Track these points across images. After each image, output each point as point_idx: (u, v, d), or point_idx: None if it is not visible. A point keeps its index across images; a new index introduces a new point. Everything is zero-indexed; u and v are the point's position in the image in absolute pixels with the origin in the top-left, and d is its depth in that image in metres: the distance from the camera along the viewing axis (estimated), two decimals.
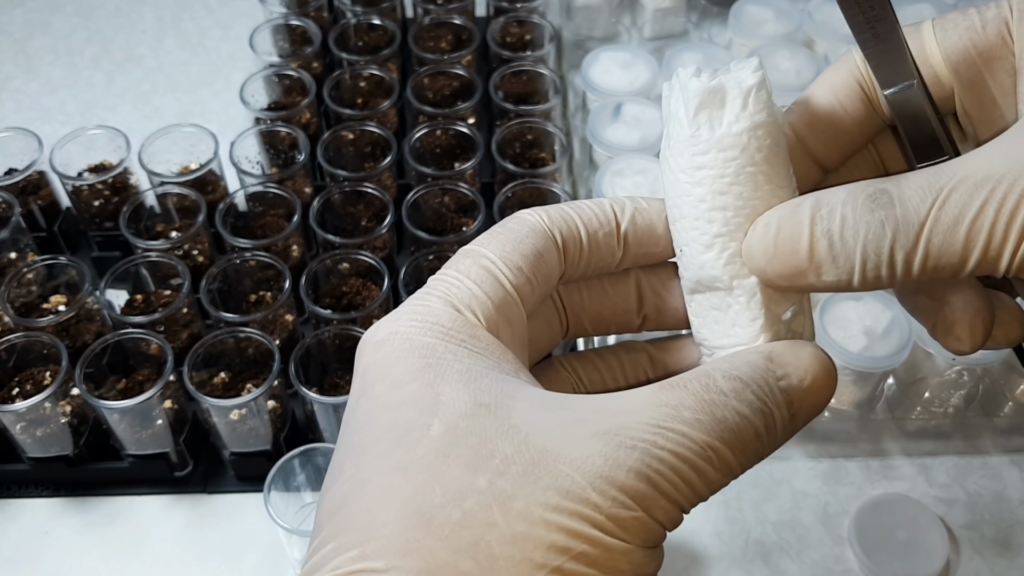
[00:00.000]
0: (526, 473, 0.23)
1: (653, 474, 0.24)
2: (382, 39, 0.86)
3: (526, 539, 0.22)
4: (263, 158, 0.78)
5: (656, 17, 0.94)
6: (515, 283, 0.28)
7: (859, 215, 0.26)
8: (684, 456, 0.24)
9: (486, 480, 0.23)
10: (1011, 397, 0.66)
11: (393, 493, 0.24)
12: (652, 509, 0.24)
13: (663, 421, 0.24)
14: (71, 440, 0.63)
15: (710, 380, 0.25)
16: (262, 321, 0.64)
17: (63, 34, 1.02)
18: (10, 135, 0.76)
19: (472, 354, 0.26)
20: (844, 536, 0.62)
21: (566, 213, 0.30)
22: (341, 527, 0.24)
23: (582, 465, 0.23)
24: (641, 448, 0.24)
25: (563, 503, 0.23)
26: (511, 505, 0.23)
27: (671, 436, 0.24)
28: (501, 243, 0.28)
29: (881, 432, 0.67)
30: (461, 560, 0.22)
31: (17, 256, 0.71)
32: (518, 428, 0.24)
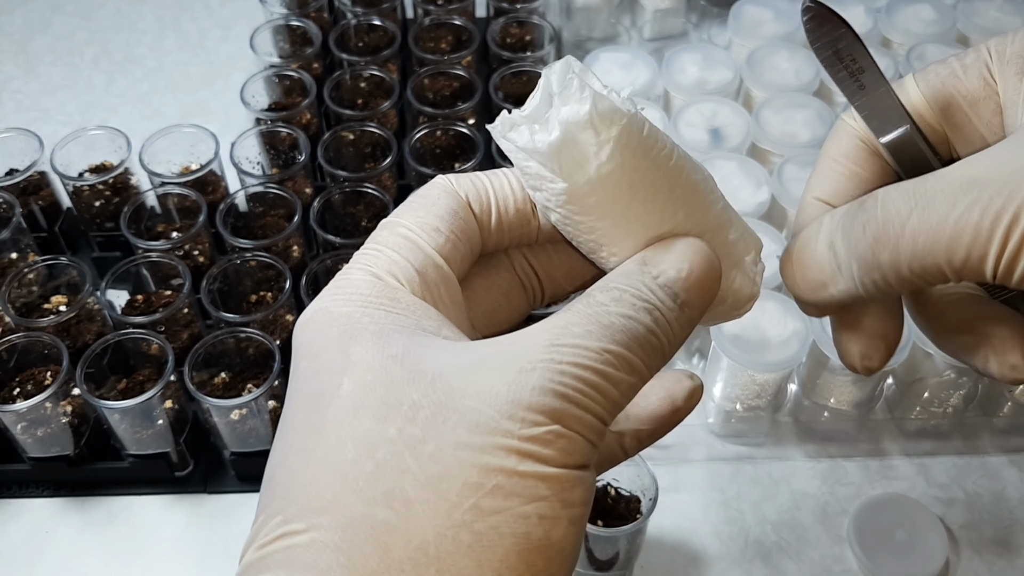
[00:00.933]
0: (434, 415, 0.23)
1: (557, 386, 0.24)
2: (382, 40, 0.86)
3: (440, 480, 0.22)
4: (263, 158, 0.78)
5: (656, 18, 0.94)
6: (435, 245, 0.28)
7: (849, 221, 0.27)
8: (583, 364, 0.24)
9: (396, 428, 0.23)
10: (1010, 397, 0.66)
11: (309, 456, 0.24)
12: (566, 419, 0.24)
13: (555, 340, 0.24)
14: (71, 440, 0.63)
15: (590, 297, 0.26)
16: (262, 321, 0.64)
17: (63, 34, 1.02)
18: (11, 135, 0.76)
19: (389, 315, 0.26)
20: (843, 536, 0.62)
21: (476, 178, 0.30)
22: (268, 498, 0.25)
23: (487, 397, 0.23)
24: (540, 367, 0.24)
25: (473, 439, 0.23)
26: (422, 449, 0.23)
27: (565, 350, 0.24)
28: (414, 209, 0.29)
29: (880, 432, 0.67)
30: (377, 509, 0.22)
31: (18, 256, 0.71)
32: (424, 373, 0.24)
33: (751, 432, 0.67)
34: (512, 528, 0.22)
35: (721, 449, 0.67)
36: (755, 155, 0.75)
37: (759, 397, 0.63)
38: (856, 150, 0.31)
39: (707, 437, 0.67)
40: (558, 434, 0.23)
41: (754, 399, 0.63)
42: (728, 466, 0.66)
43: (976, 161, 0.26)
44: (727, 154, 0.72)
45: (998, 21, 0.85)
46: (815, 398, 0.66)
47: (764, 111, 0.76)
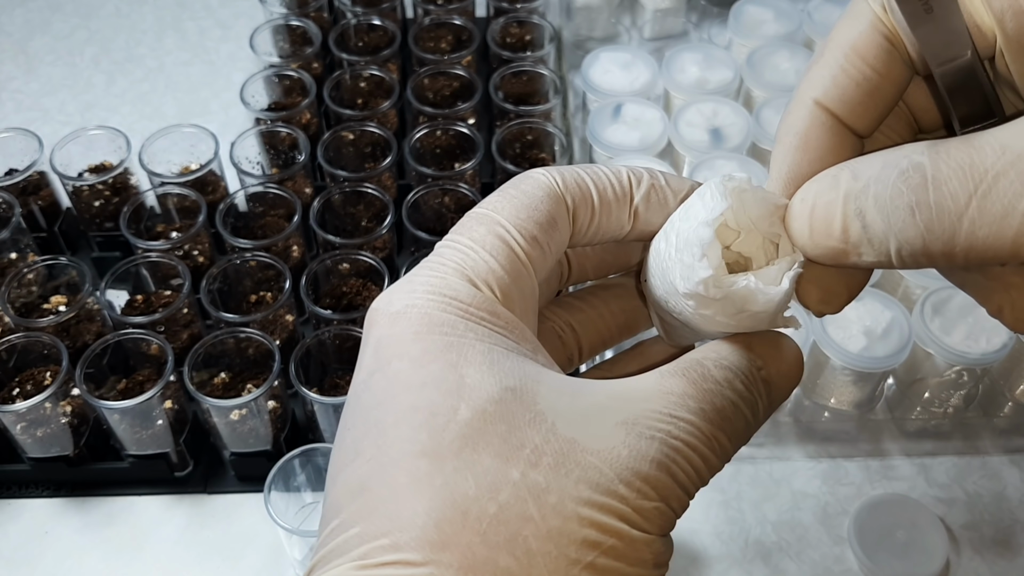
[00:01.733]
0: (557, 465, 0.23)
1: (671, 464, 0.25)
2: (382, 39, 0.86)
3: (561, 534, 0.23)
4: (263, 158, 0.78)
5: (656, 17, 0.94)
6: (529, 253, 0.27)
7: (890, 197, 0.23)
8: (694, 445, 0.25)
9: (519, 472, 0.23)
10: (1011, 397, 0.66)
11: (422, 480, 0.23)
12: (669, 498, 0.25)
13: (674, 411, 0.25)
14: (71, 440, 0.63)
15: (705, 370, 0.26)
16: (262, 321, 0.64)
17: (63, 34, 1.02)
18: (10, 135, 0.76)
19: (493, 333, 0.25)
20: (844, 536, 0.62)
21: (581, 178, 0.28)
22: (365, 511, 0.23)
23: (608, 457, 0.24)
24: (659, 439, 0.25)
25: (594, 497, 0.23)
26: (546, 499, 0.23)
27: (683, 426, 0.25)
28: (515, 208, 0.27)
29: (881, 432, 0.67)
30: (500, 556, 0.22)
31: (17, 256, 0.71)
32: (544, 416, 0.24)
33: None
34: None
35: None
36: (755, 155, 0.75)
37: None
38: (876, 48, 0.26)
39: None
40: (662, 511, 0.24)
41: None
42: (728, 466, 0.65)
43: None
44: (727, 154, 0.72)
45: None
46: (815, 398, 0.66)
47: (765, 111, 0.76)
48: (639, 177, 0.29)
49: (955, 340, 0.60)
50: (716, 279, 0.26)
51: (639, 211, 0.29)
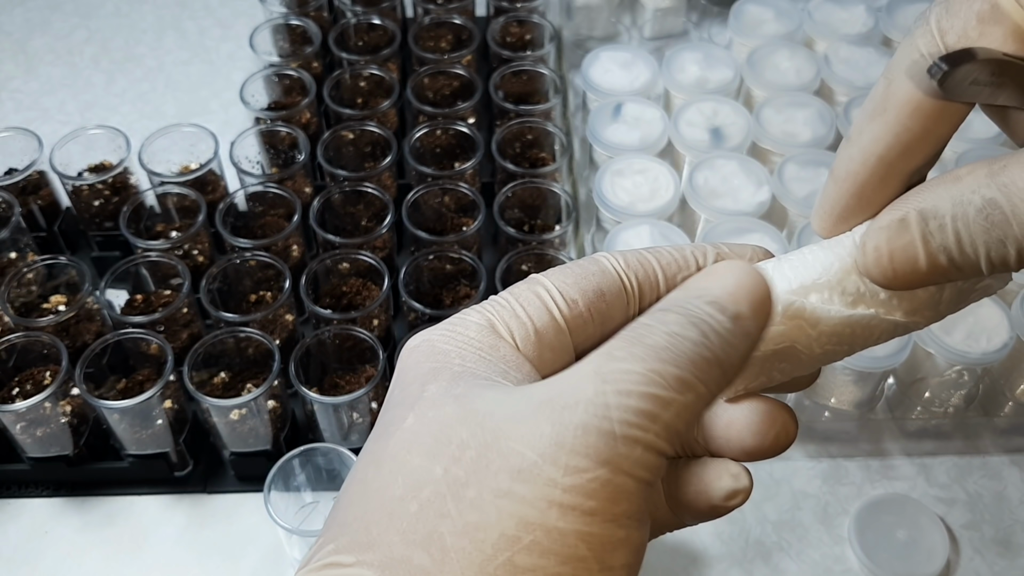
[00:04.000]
0: (479, 457, 0.22)
1: (602, 422, 0.22)
2: (382, 39, 0.86)
3: (477, 529, 0.22)
4: (263, 158, 0.78)
5: (656, 17, 0.94)
6: (566, 314, 0.27)
7: (975, 234, 0.24)
8: (627, 390, 0.22)
9: (442, 468, 0.23)
10: (1011, 397, 0.66)
11: (364, 485, 0.24)
12: (614, 460, 0.22)
13: (598, 368, 0.23)
14: (71, 440, 0.63)
15: (634, 322, 0.24)
16: (262, 321, 0.64)
17: (63, 34, 1.02)
18: (10, 135, 0.76)
19: (478, 358, 0.26)
20: (844, 536, 0.62)
21: (644, 258, 0.29)
22: (328, 523, 0.25)
23: (531, 439, 0.22)
24: (584, 400, 0.22)
25: (515, 486, 0.22)
26: (464, 493, 0.22)
27: (609, 376, 0.22)
28: (564, 275, 0.28)
29: (881, 432, 0.67)
30: (415, 553, 0.22)
31: (17, 256, 0.71)
32: (476, 412, 0.23)
33: None
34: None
35: None
36: (756, 154, 0.75)
37: None
38: (929, 100, 0.26)
39: None
40: (603, 481, 0.22)
41: None
42: None
43: None
44: (728, 153, 0.72)
45: None
46: (816, 398, 0.65)
47: (765, 110, 0.75)
48: (703, 251, 0.30)
49: (955, 340, 0.60)
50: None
51: None
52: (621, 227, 0.67)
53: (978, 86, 0.24)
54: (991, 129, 0.74)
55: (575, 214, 0.71)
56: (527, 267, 0.68)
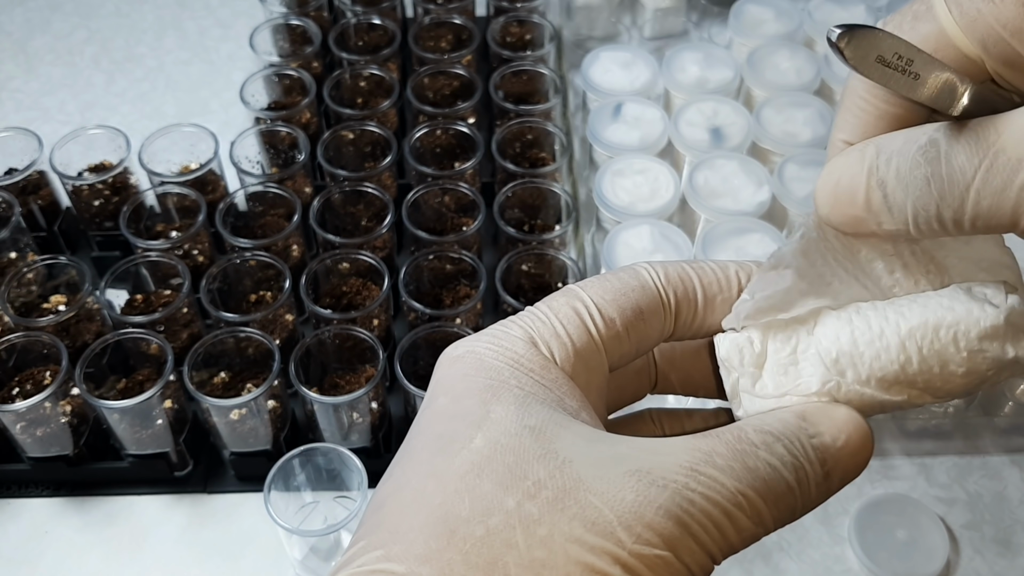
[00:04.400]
0: (555, 500, 0.23)
1: (682, 514, 0.23)
2: (382, 39, 0.86)
3: (543, 566, 0.22)
4: (263, 158, 0.78)
5: (656, 17, 0.94)
6: (603, 333, 0.27)
7: (909, 169, 0.25)
8: (714, 500, 0.24)
9: (515, 501, 0.23)
10: (1011, 397, 0.66)
11: (424, 499, 0.24)
12: (679, 550, 0.23)
13: (695, 465, 0.24)
14: (71, 440, 0.63)
15: (742, 432, 0.26)
16: (262, 321, 0.64)
17: (63, 34, 1.02)
18: (10, 135, 0.76)
19: (535, 383, 0.26)
20: (844, 536, 0.62)
21: (685, 273, 0.29)
22: (374, 526, 0.25)
23: (611, 499, 0.23)
24: (672, 488, 0.24)
25: (587, 536, 0.23)
26: (535, 530, 0.23)
27: (702, 479, 0.24)
28: (603, 290, 0.28)
29: (881, 432, 0.67)
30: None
31: (17, 256, 0.71)
32: (556, 454, 0.24)
33: None
34: None
35: None
36: (756, 154, 0.75)
37: None
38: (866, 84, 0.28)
39: None
40: (667, 561, 0.23)
41: None
42: None
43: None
44: (728, 153, 0.72)
45: None
46: None
47: (765, 110, 0.75)
48: (748, 270, 0.29)
49: None
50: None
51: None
52: (621, 227, 0.67)
53: (888, 68, 0.25)
54: None
55: (575, 214, 0.71)
56: (527, 267, 0.68)
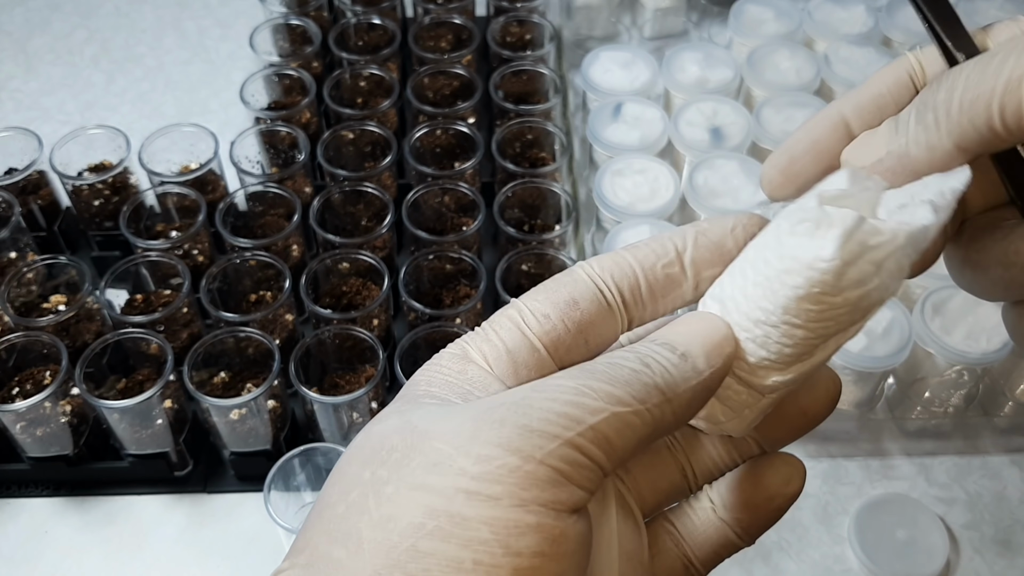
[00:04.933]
0: (403, 458, 0.23)
1: (520, 417, 0.22)
2: (382, 39, 0.86)
3: (390, 520, 0.22)
4: (263, 158, 0.78)
5: (656, 17, 0.94)
6: (537, 329, 0.27)
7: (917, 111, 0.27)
8: (555, 397, 0.23)
9: (370, 472, 0.23)
10: (1011, 397, 0.66)
11: (316, 504, 0.25)
12: (527, 448, 0.22)
13: (537, 383, 0.24)
14: (71, 440, 0.63)
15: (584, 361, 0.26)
16: (262, 321, 0.64)
17: (63, 34, 1.02)
18: (10, 135, 0.76)
19: (445, 383, 0.26)
20: (844, 536, 0.62)
21: (618, 256, 0.29)
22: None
23: (451, 435, 0.23)
24: (509, 403, 0.23)
25: (428, 479, 0.22)
26: (383, 490, 0.23)
27: (540, 386, 0.24)
28: (536, 292, 0.28)
29: (881, 432, 0.67)
30: (335, 549, 0.23)
31: (17, 256, 0.71)
32: (410, 421, 0.24)
33: None
34: (444, 573, 0.21)
35: None
36: (756, 154, 0.75)
37: None
38: (897, 81, 0.29)
39: None
40: (511, 468, 0.22)
41: None
42: None
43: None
44: (728, 153, 0.72)
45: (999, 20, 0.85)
46: None
47: (765, 110, 0.75)
48: (682, 233, 0.29)
49: (955, 340, 0.60)
50: (858, 226, 0.24)
51: (695, 261, 0.28)
52: (621, 227, 0.67)
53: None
54: None
55: (575, 214, 0.71)
56: (527, 267, 0.68)
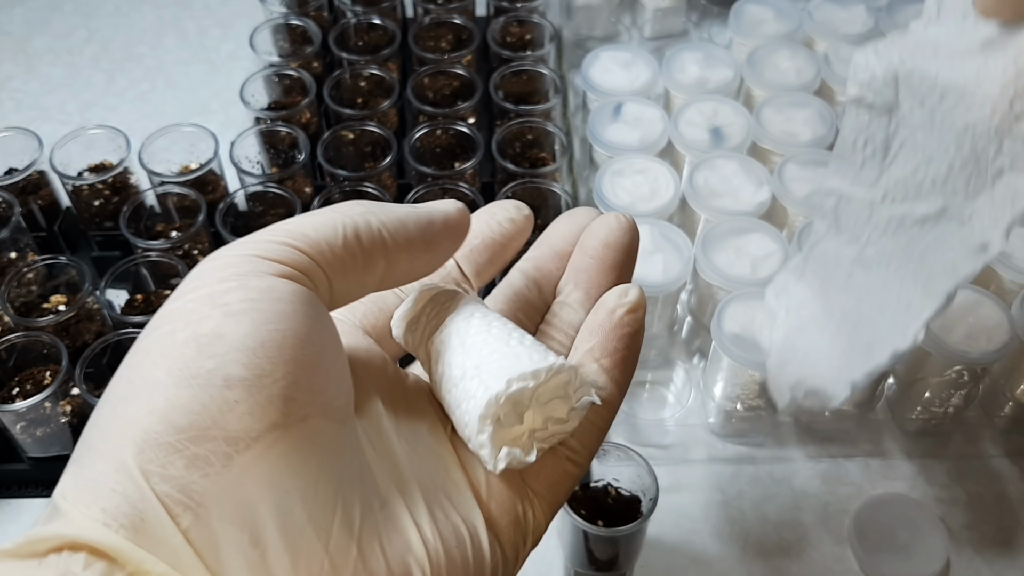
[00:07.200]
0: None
1: (232, 247, 0.26)
2: (382, 39, 0.86)
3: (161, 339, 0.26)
4: (263, 158, 0.78)
5: (656, 17, 0.94)
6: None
7: None
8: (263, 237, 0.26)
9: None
10: (1011, 397, 0.66)
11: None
12: (227, 252, 0.26)
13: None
14: (71, 440, 0.63)
15: None
16: None
17: (63, 33, 1.02)
18: (10, 135, 0.76)
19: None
20: (844, 536, 0.62)
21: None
22: None
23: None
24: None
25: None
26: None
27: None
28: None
29: (881, 432, 0.67)
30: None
31: (17, 256, 0.71)
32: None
33: (752, 432, 0.67)
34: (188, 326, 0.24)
35: (722, 449, 0.67)
36: (756, 154, 0.75)
37: (760, 397, 0.63)
38: None
39: (708, 437, 0.67)
40: (215, 266, 0.25)
41: (755, 399, 0.63)
42: (729, 466, 0.66)
43: None
44: (728, 153, 0.72)
45: None
46: None
47: (765, 110, 0.75)
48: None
49: (955, 340, 0.60)
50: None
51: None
52: None
53: None
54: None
55: None
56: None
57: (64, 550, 0.21)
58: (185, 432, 0.22)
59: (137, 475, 0.22)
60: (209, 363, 0.23)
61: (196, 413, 0.22)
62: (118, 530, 0.21)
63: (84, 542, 0.21)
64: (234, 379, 0.23)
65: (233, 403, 0.22)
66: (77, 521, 0.22)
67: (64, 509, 0.22)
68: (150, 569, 0.21)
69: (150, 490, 0.22)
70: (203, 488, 0.22)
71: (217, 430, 0.22)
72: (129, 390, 0.24)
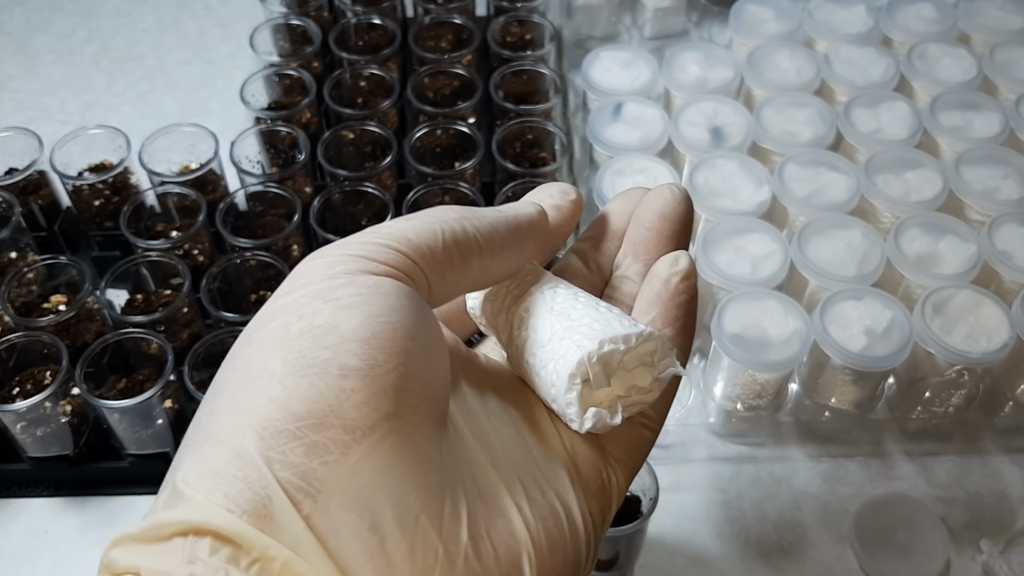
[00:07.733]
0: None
1: (336, 247, 0.27)
2: (382, 39, 0.86)
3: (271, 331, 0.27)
4: (263, 158, 0.78)
5: (656, 16, 0.94)
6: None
7: None
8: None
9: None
10: (1011, 397, 0.66)
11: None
12: (333, 252, 0.27)
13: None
14: (71, 440, 0.63)
15: None
16: None
17: (63, 34, 1.02)
18: (10, 135, 0.76)
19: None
20: (845, 536, 0.62)
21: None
22: None
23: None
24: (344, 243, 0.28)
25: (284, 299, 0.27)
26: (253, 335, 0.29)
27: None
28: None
29: (881, 432, 0.67)
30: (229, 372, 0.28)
31: (17, 256, 0.71)
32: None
33: (752, 432, 0.66)
34: (300, 318, 0.25)
35: (722, 449, 0.67)
36: (756, 154, 0.75)
37: (760, 397, 0.63)
38: None
39: (708, 437, 0.67)
40: (321, 265, 0.26)
41: (755, 399, 0.63)
42: (729, 466, 0.66)
43: None
44: (728, 153, 0.72)
45: (999, 20, 0.85)
46: (816, 398, 0.65)
47: (765, 110, 0.75)
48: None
49: (956, 340, 0.60)
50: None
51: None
52: None
53: None
54: (991, 128, 0.74)
55: None
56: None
57: (189, 535, 0.22)
58: (304, 420, 0.23)
59: (259, 462, 0.22)
60: (325, 353, 0.23)
61: (314, 401, 0.23)
62: (241, 516, 0.22)
63: (209, 527, 0.22)
64: (349, 368, 0.23)
65: (349, 392, 0.23)
66: (201, 507, 0.22)
67: (187, 495, 0.23)
68: (275, 555, 0.22)
69: (272, 477, 0.22)
70: (323, 475, 0.22)
71: (334, 418, 0.23)
72: (246, 379, 0.24)
